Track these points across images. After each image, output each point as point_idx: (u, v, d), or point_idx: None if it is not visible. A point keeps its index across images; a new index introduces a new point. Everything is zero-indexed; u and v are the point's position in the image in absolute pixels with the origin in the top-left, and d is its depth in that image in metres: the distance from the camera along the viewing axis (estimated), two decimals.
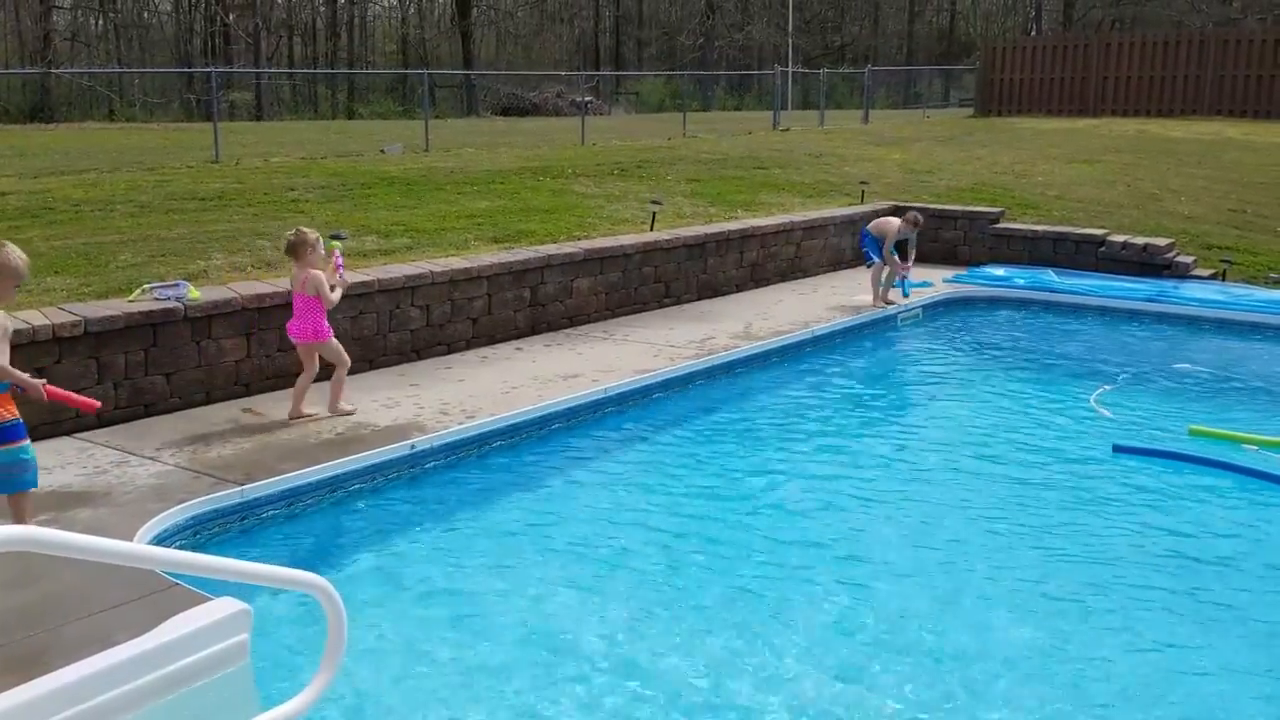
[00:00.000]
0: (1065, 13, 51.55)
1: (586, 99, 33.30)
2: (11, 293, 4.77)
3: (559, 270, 9.49)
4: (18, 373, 4.77)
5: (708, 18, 53.15)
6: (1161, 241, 12.46)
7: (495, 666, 4.34)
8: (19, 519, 4.77)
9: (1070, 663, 4.43)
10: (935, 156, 18.48)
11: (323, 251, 6.78)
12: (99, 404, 5.11)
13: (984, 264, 12.88)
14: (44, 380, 4.92)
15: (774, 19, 52.08)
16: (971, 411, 8.11)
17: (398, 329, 8.23)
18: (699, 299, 10.97)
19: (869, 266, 10.83)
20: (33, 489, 4.86)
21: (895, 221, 10.51)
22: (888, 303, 10.74)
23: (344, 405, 6.91)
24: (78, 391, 5.92)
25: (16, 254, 4.69)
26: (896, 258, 10.52)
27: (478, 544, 5.59)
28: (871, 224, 10.76)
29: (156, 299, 6.89)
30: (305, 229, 6.79)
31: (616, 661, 4.38)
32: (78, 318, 6.43)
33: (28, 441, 4.81)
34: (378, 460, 6.16)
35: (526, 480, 6.53)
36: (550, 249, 9.66)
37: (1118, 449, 6.98)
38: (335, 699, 3.84)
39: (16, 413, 4.77)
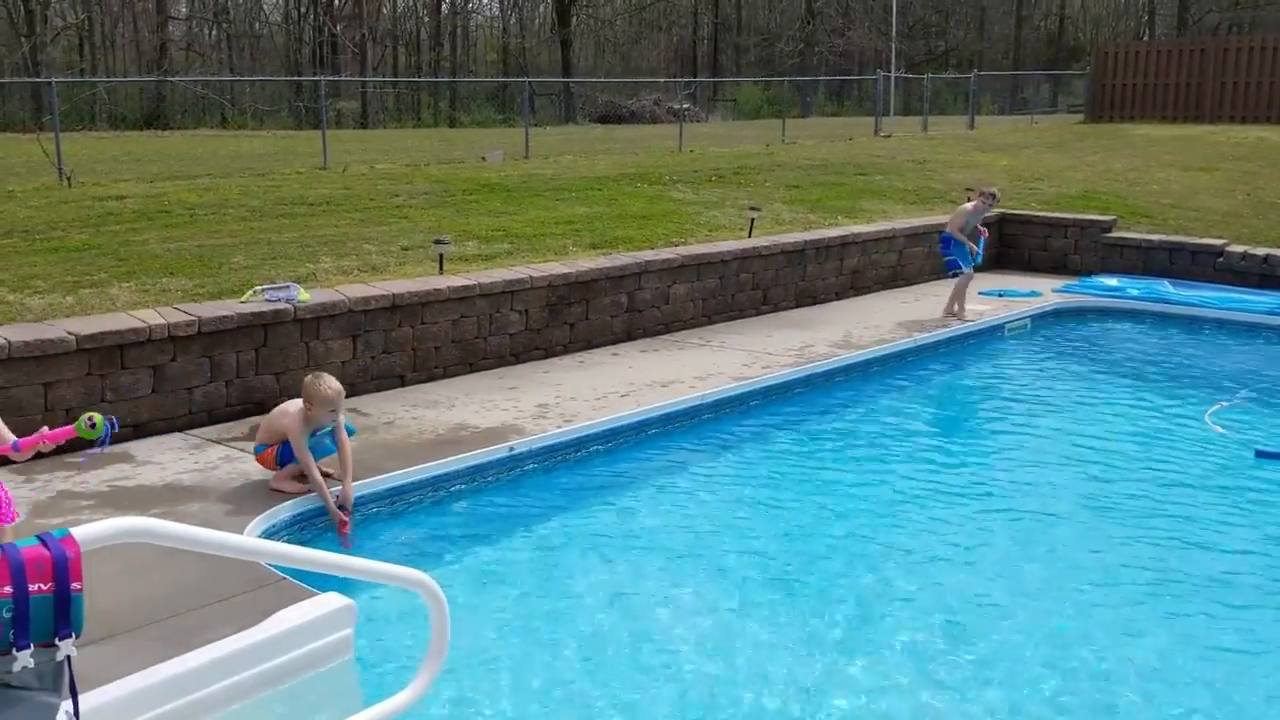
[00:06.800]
0: (1180, 16, 49.89)
1: (684, 106, 33.23)
2: (327, 417, 5.44)
3: (656, 276, 9.47)
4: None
5: (807, 23, 52.69)
6: None
7: (593, 665, 4.33)
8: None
9: None
10: (1044, 163, 17.99)
11: None
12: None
13: (1095, 273, 12.48)
14: None
15: (876, 24, 51.35)
16: (1086, 424, 7.83)
17: (497, 332, 8.30)
18: (797, 306, 10.84)
19: (953, 276, 10.35)
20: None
21: (967, 205, 10.41)
22: (956, 315, 10.23)
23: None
24: (188, 390, 6.44)
25: (329, 384, 5.41)
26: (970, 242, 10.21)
27: (576, 546, 5.60)
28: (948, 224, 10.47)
29: (268, 300, 7.06)
30: None
31: (709, 666, 4.33)
32: (192, 317, 6.61)
33: None
34: (478, 461, 6.22)
35: (624, 484, 6.52)
36: (648, 255, 9.66)
37: (1260, 454, 6.79)
38: (437, 695, 3.85)
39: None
